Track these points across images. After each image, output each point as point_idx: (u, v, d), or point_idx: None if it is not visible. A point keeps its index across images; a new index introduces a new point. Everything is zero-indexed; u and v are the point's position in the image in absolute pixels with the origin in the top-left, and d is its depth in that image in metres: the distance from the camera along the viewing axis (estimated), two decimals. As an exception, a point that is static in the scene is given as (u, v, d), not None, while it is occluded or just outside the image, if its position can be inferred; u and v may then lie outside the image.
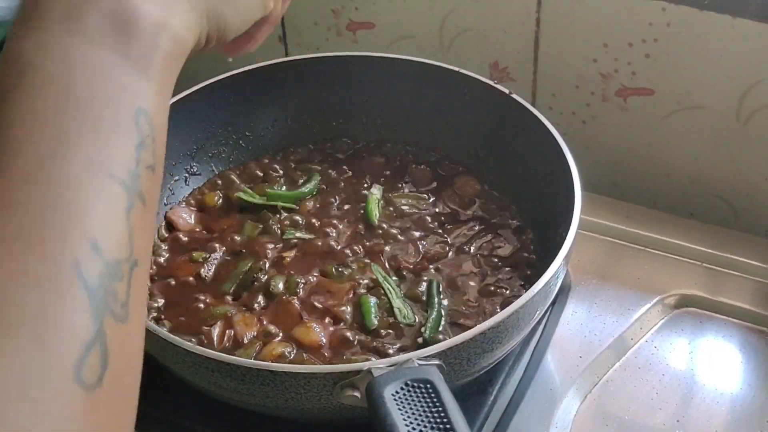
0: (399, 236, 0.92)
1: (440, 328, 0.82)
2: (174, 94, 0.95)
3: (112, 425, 0.40)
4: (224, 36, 0.56)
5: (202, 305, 0.85)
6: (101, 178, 0.42)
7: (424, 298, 0.85)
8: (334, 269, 0.88)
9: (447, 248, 0.90)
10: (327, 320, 0.83)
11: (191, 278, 0.88)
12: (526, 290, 0.73)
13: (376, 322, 0.82)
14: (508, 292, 0.86)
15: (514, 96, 0.93)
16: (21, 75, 0.43)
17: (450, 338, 0.71)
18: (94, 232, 0.40)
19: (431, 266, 0.88)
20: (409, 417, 0.62)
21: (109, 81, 0.44)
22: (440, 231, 0.92)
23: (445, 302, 0.85)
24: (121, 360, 0.41)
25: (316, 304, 0.84)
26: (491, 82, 0.95)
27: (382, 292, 0.85)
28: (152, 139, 0.45)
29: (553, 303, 0.91)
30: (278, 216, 0.94)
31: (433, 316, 0.83)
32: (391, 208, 0.95)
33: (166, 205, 0.95)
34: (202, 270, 0.89)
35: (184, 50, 0.50)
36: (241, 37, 0.62)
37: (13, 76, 0.43)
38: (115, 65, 0.44)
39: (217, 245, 0.91)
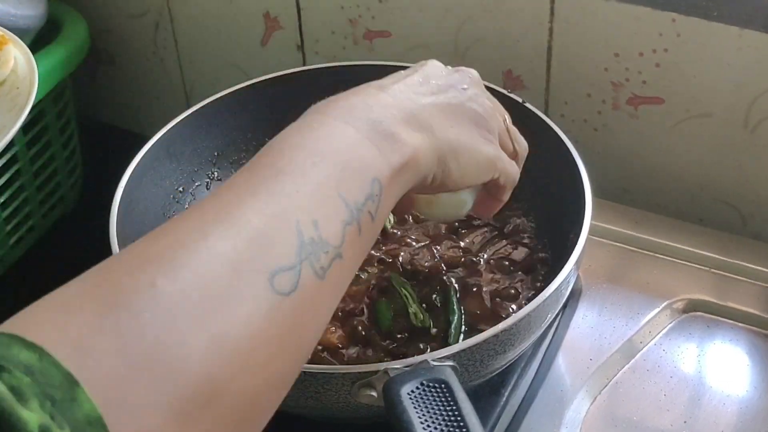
0: (414, 241, 0.94)
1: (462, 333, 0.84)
2: (195, 102, 0.98)
3: (293, 335, 0.52)
4: (444, 183, 0.67)
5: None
6: (335, 196, 0.56)
7: (438, 303, 0.87)
8: (350, 273, 0.90)
9: (461, 253, 0.92)
10: (345, 322, 0.85)
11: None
12: (538, 294, 0.75)
13: (391, 325, 0.84)
14: (520, 296, 0.88)
15: (527, 105, 0.95)
16: (311, 131, 0.60)
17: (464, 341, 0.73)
18: (318, 215, 0.54)
19: (446, 271, 0.90)
20: (424, 415, 0.64)
21: (367, 158, 0.60)
22: (454, 236, 0.94)
23: (462, 307, 0.86)
24: (310, 302, 0.53)
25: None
26: (505, 91, 0.96)
27: (398, 295, 0.87)
28: (378, 199, 0.59)
29: (564, 307, 0.92)
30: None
31: (455, 321, 0.85)
32: (407, 215, 0.97)
33: (186, 209, 0.98)
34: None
35: (417, 172, 0.64)
36: (487, 198, 0.78)
37: (306, 131, 0.60)
38: (371, 153, 0.60)
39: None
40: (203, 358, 0.46)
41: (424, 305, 0.87)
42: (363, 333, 0.84)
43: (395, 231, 0.95)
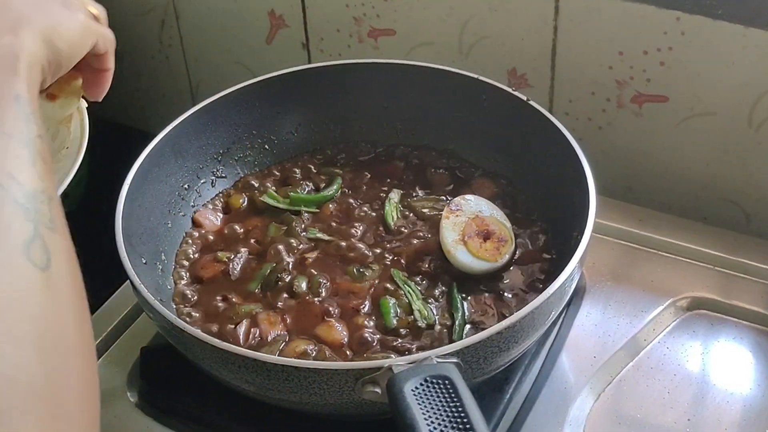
0: (418, 238, 0.94)
1: (466, 330, 0.84)
2: (201, 100, 0.99)
3: (65, 302, 0.53)
4: (61, 63, 0.68)
5: (228, 304, 0.88)
6: (4, 139, 0.55)
7: (441, 299, 0.87)
8: (355, 270, 0.90)
9: (465, 250, 0.92)
10: (348, 319, 0.85)
11: (218, 277, 0.91)
12: (542, 292, 0.75)
13: (395, 323, 0.85)
14: (524, 293, 0.88)
15: (531, 103, 0.95)
16: None
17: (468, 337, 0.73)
18: (10, 168, 0.54)
19: (450, 268, 0.90)
20: (428, 412, 0.64)
21: None
22: (458, 234, 0.94)
23: (465, 304, 0.87)
24: (61, 256, 0.54)
25: (339, 303, 0.87)
26: (509, 89, 0.97)
27: (402, 293, 0.87)
28: (33, 112, 0.59)
29: (568, 304, 0.93)
30: (301, 218, 0.97)
31: (458, 318, 0.85)
32: (411, 211, 0.97)
33: (193, 206, 0.98)
34: (230, 269, 0.91)
35: (37, 64, 0.64)
36: (96, 75, 0.77)
37: None
38: None
39: (241, 246, 0.94)
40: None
41: (428, 302, 0.87)
42: (367, 330, 0.84)
43: (400, 228, 0.95)
